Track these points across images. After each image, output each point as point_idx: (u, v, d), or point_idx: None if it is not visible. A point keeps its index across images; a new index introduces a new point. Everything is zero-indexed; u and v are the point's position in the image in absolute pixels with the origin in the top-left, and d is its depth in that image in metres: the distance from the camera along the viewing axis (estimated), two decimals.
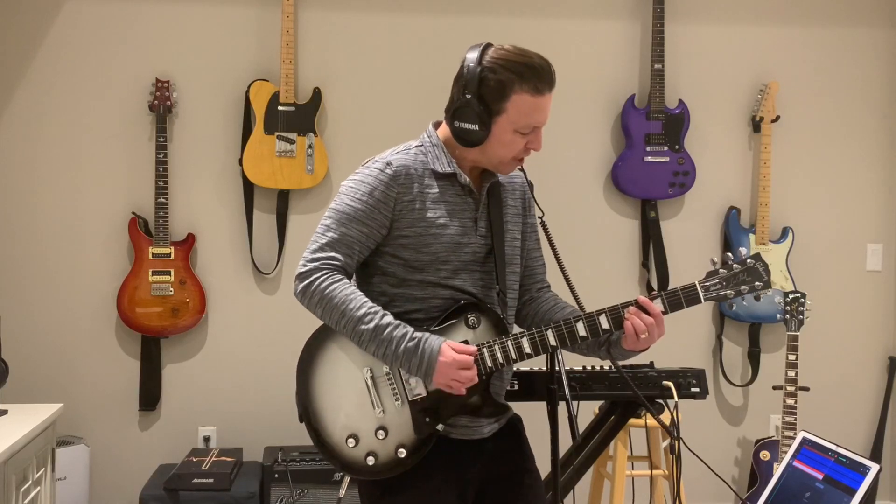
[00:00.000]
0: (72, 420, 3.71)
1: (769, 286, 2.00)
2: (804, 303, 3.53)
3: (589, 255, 4.05)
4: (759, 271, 1.99)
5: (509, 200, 2.13)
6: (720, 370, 4.18)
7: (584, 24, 4.10)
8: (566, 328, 1.96)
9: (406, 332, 1.90)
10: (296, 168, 3.80)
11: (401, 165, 1.98)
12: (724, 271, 1.99)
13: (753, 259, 1.99)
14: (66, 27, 3.82)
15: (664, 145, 4.01)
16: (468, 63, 1.94)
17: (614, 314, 1.97)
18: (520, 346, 1.95)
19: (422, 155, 2.02)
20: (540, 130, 1.99)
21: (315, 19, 3.93)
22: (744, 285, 1.98)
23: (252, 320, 3.92)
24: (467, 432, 2.01)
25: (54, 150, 3.83)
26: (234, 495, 3.40)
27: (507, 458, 2.09)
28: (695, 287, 1.98)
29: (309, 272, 1.94)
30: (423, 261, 1.97)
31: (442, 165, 2.00)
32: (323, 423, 1.97)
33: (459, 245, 1.99)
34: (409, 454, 1.94)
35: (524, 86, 1.91)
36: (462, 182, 2.01)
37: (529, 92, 1.91)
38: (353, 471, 1.98)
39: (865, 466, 2.38)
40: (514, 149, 1.97)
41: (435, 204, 1.98)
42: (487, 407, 2.00)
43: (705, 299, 1.99)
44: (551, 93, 1.96)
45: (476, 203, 2.04)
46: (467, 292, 2.00)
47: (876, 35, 4.26)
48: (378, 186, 1.96)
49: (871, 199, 4.28)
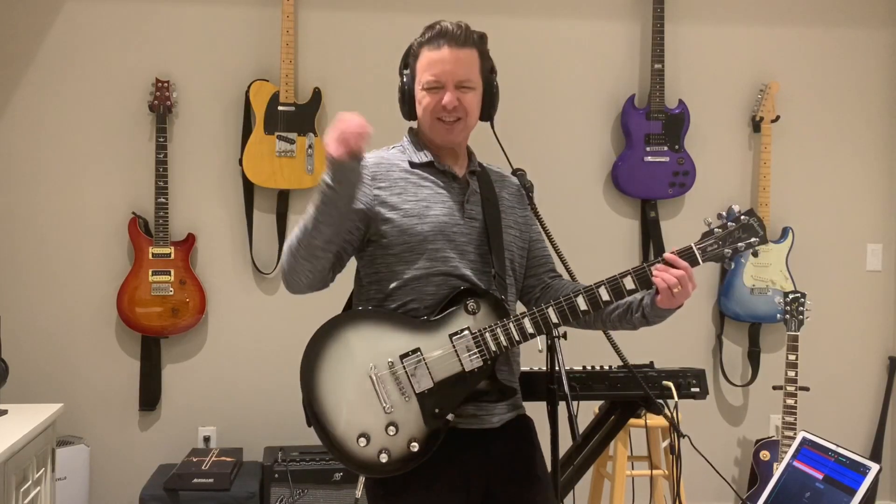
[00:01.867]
0: (72, 420, 3.71)
1: (765, 241, 1.99)
2: (804, 303, 3.54)
3: (589, 255, 4.03)
4: (753, 227, 1.98)
5: (504, 192, 2.16)
6: (720, 370, 4.18)
7: (584, 24, 4.10)
8: (566, 304, 1.96)
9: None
10: (296, 168, 3.80)
11: (373, 157, 2.06)
12: (719, 230, 1.99)
13: (747, 215, 1.99)
14: (66, 27, 3.82)
15: (664, 145, 4.01)
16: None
17: (639, 274, 1.96)
18: (522, 327, 1.96)
19: (399, 151, 2.11)
20: (451, 86, 2.00)
21: (315, 19, 3.93)
22: (740, 242, 1.98)
23: (252, 320, 3.92)
24: (475, 421, 2.01)
25: (54, 150, 3.83)
26: (234, 495, 3.40)
27: (516, 452, 2.07)
28: (691, 249, 1.99)
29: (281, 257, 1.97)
30: (411, 243, 1.99)
31: (419, 157, 2.07)
32: (332, 425, 1.95)
33: (445, 225, 2.01)
34: (421, 447, 1.93)
35: (424, 43, 2.03)
36: (441, 168, 2.06)
37: (428, 47, 2.02)
38: (368, 470, 1.96)
39: (865, 466, 2.38)
40: (425, 108, 2.03)
41: (416, 188, 2.03)
42: (494, 392, 1.99)
43: (703, 260, 1.99)
44: (459, 49, 2.00)
45: (463, 189, 2.07)
46: (461, 276, 2.00)
47: (876, 35, 4.26)
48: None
49: (871, 199, 4.29)
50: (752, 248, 1.99)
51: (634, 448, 3.51)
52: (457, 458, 1.98)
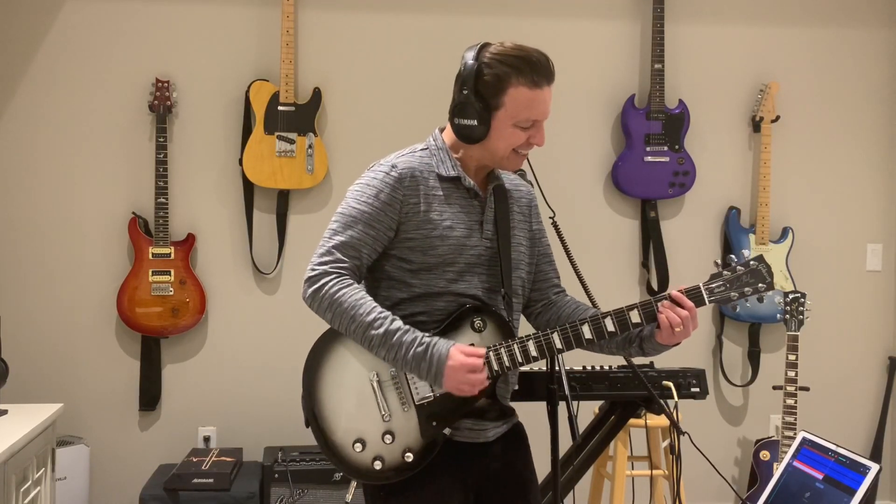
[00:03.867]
0: (72, 420, 3.71)
1: (772, 287, 2.00)
2: (804, 303, 3.54)
3: (589, 256, 4.04)
4: (762, 273, 1.99)
5: (515, 207, 2.13)
6: (720, 370, 4.18)
7: (584, 24, 4.10)
8: (572, 331, 1.96)
9: (416, 336, 1.90)
10: (296, 168, 3.80)
11: (406, 168, 1.98)
12: (728, 273, 1.99)
13: (756, 261, 1.99)
14: (66, 27, 3.82)
15: (664, 145, 4.01)
16: (466, 61, 1.96)
17: (646, 309, 1.97)
18: (526, 350, 1.95)
19: (427, 158, 2.03)
20: (541, 124, 1.99)
21: (315, 19, 3.93)
22: (747, 287, 1.99)
23: (252, 320, 3.92)
24: (472, 435, 2.01)
25: (54, 150, 3.83)
26: (234, 495, 3.40)
27: (509, 464, 2.08)
28: (699, 289, 1.99)
29: (318, 276, 1.94)
30: (430, 263, 1.97)
31: (447, 169, 2.01)
32: (330, 427, 1.96)
33: (465, 247, 1.99)
34: (416, 458, 1.94)
35: (521, 79, 1.92)
36: (467, 185, 2.02)
37: (526, 85, 1.92)
38: (361, 475, 1.97)
39: (865, 466, 2.38)
40: (514, 142, 1.97)
41: (440, 206, 1.99)
42: (493, 410, 2.00)
43: (710, 301, 2.00)
44: (550, 86, 1.96)
45: (481, 206, 2.04)
46: (472, 296, 2.00)
47: (876, 35, 4.26)
48: (384, 189, 1.96)
49: (871, 199, 4.29)
50: (759, 294, 2.00)
51: (634, 448, 3.51)
52: (452, 466, 1.98)
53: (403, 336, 1.89)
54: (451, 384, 1.88)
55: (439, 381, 1.89)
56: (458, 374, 1.87)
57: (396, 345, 1.88)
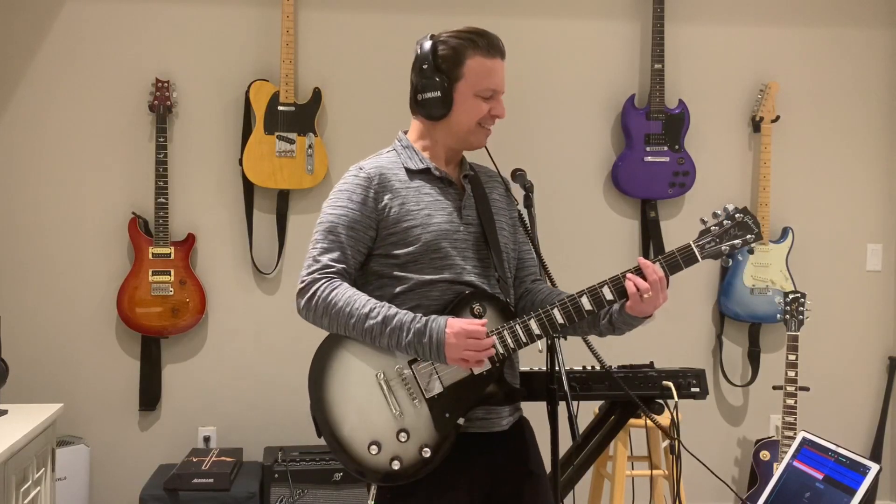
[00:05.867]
0: (72, 420, 3.71)
1: (760, 237, 2.04)
2: (804, 303, 3.54)
3: (589, 255, 4.05)
4: (748, 224, 2.03)
5: (494, 194, 2.16)
6: (720, 370, 4.18)
7: (584, 24, 4.10)
8: (571, 304, 1.97)
9: (414, 316, 1.92)
10: (296, 168, 3.80)
11: (373, 167, 2.04)
12: (716, 228, 2.03)
13: (742, 213, 2.03)
14: (66, 27, 3.82)
15: (664, 145, 4.01)
16: (420, 45, 2.06)
17: (616, 284, 1.98)
18: (528, 328, 1.96)
19: (394, 157, 2.08)
20: (500, 97, 2.04)
21: (315, 19, 3.93)
22: (736, 239, 2.02)
23: (252, 320, 3.92)
24: (485, 424, 2.02)
25: (54, 151, 3.83)
26: (234, 495, 3.40)
27: (517, 458, 2.08)
28: (690, 247, 2.02)
29: (308, 285, 1.96)
30: (415, 253, 1.98)
31: (415, 163, 2.06)
32: (342, 434, 1.94)
33: (447, 232, 2.01)
34: (433, 453, 1.93)
35: (477, 50, 2.01)
36: (438, 175, 2.05)
37: (482, 55, 2.01)
38: (380, 478, 1.95)
39: (865, 466, 2.38)
40: (477, 114, 2.02)
41: (416, 197, 2.02)
42: (503, 393, 2.00)
43: (702, 257, 2.03)
44: (503, 61, 2.04)
45: (458, 193, 2.07)
46: (466, 282, 2.01)
47: (875, 35, 4.26)
48: (355, 190, 2.00)
49: (871, 199, 4.28)
50: (748, 245, 2.04)
51: (634, 448, 3.51)
52: (465, 460, 1.98)
53: (403, 318, 1.91)
54: (455, 353, 1.88)
55: (442, 353, 1.89)
56: (458, 340, 1.87)
57: (397, 326, 1.90)
